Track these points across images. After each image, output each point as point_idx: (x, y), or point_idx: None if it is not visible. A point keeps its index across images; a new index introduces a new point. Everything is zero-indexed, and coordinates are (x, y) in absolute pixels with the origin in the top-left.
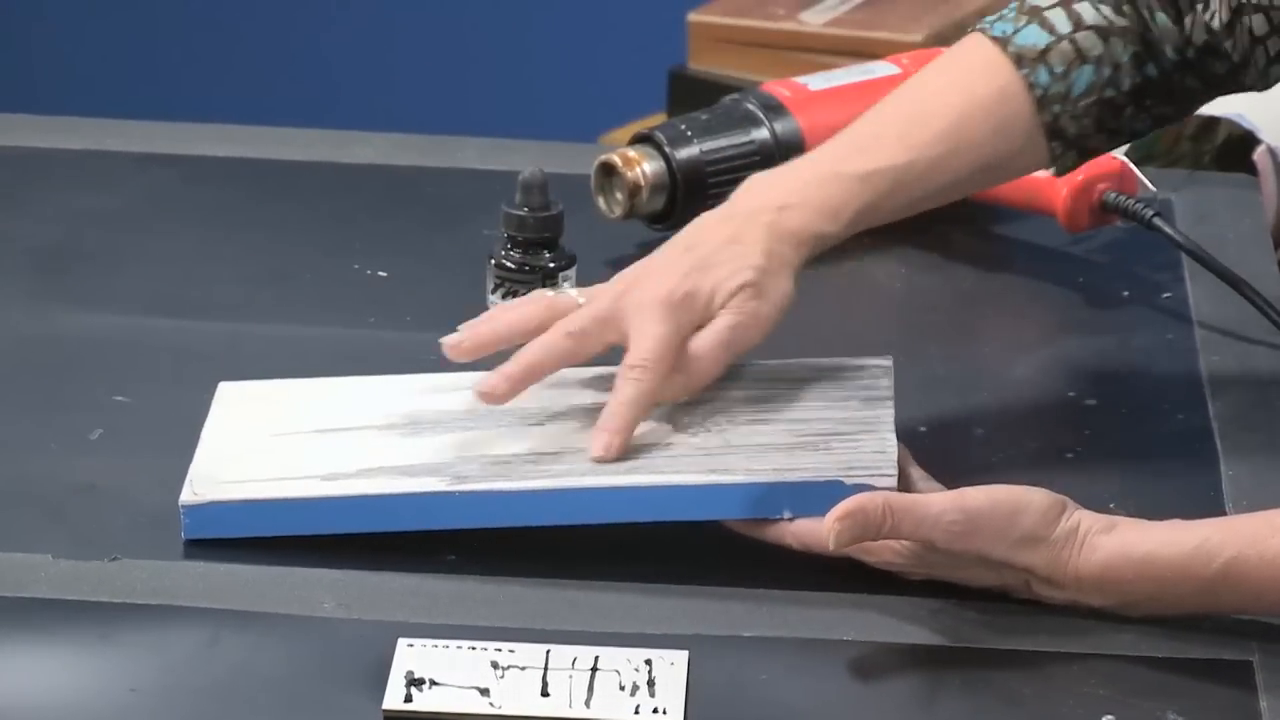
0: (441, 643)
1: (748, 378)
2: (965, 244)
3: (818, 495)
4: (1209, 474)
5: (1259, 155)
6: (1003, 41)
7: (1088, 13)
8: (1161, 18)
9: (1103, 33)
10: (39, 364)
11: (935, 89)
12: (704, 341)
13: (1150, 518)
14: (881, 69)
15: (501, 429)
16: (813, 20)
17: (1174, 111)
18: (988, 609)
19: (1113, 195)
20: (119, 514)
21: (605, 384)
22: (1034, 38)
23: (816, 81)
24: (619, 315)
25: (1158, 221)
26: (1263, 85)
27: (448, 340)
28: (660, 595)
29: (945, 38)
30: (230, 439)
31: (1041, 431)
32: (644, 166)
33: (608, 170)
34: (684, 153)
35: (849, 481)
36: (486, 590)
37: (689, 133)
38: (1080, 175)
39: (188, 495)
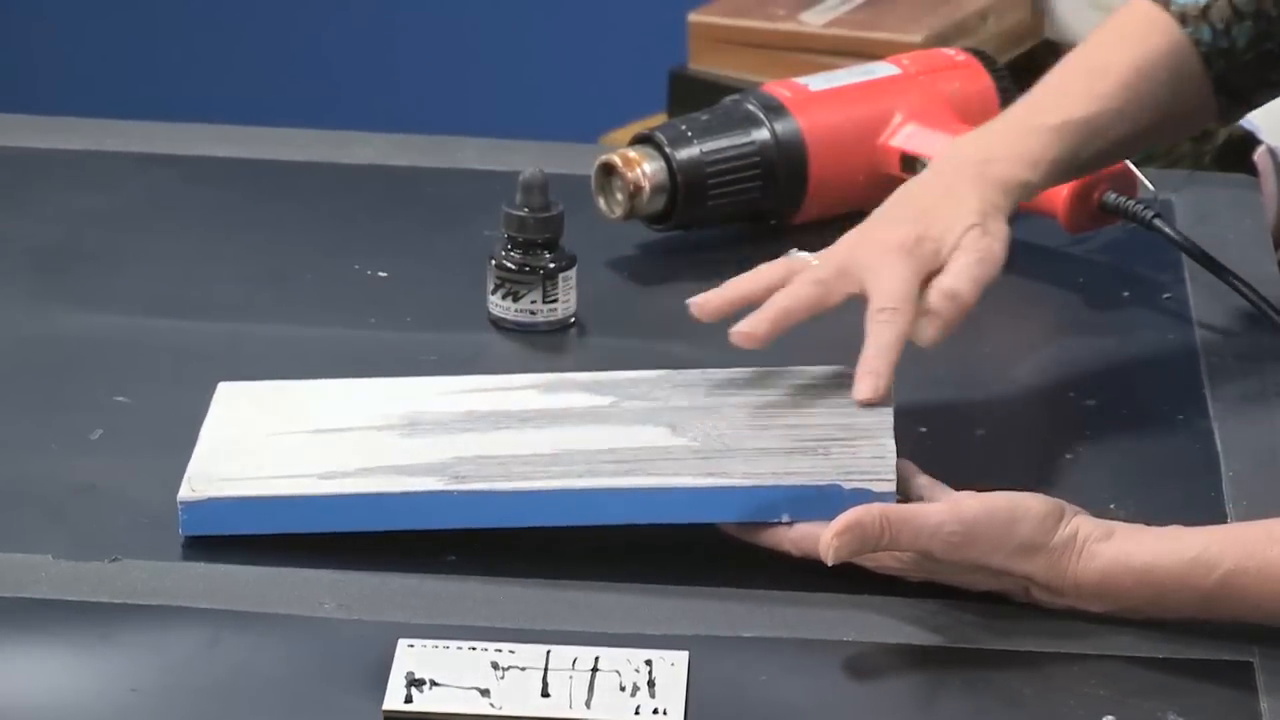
0: (442, 643)
1: (746, 383)
2: None
3: (816, 500)
4: (1209, 474)
5: (1259, 156)
6: (1164, 2)
7: None
8: None
9: None
10: (39, 364)
11: (1110, 46)
12: (958, 278)
13: (1150, 519)
14: (882, 69)
15: (500, 430)
16: (813, 21)
17: None
18: (988, 610)
19: (1113, 196)
20: (119, 514)
21: (607, 389)
22: None
23: (817, 82)
24: (856, 266)
25: (1158, 222)
26: None
27: (696, 299)
28: (660, 596)
29: (945, 38)
30: (229, 438)
31: (1041, 432)
32: (644, 167)
33: (608, 171)
34: (684, 153)
35: (847, 486)
36: (487, 591)
37: (689, 133)
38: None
39: (185, 492)
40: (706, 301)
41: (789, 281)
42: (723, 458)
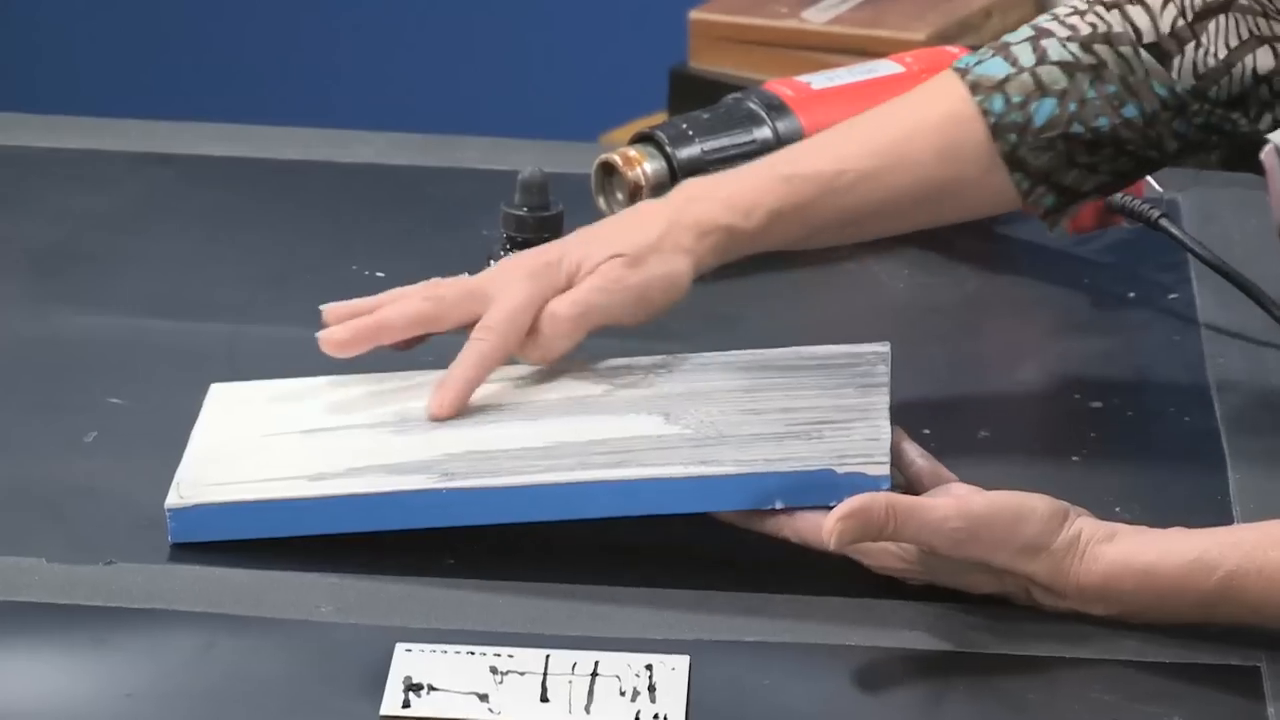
0: (440, 647)
1: (741, 367)
2: (968, 245)
3: (810, 485)
4: (1215, 477)
5: (1266, 154)
6: (963, 71)
7: (1053, 49)
8: (1146, 57)
9: (1068, 68)
10: (35, 365)
11: (889, 111)
12: (562, 301)
13: (1156, 522)
14: (885, 67)
15: (492, 424)
16: (815, 18)
17: (1160, 156)
18: (992, 614)
19: (1118, 196)
20: (114, 517)
21: (599, 377)
22: (995, 68)
23: (819, 80)
24: (485, 286)
25: (1163, 222)
26: (1256, 128)
27: (330, 310)
28: (661, 600)
29: (948, 36)
30: (220, 441)
31: (1046, 434)
32: (645, 166)
33: (608, 170)
34: (685, 152)
35: (841, 470)
36: (485, 594)
37: (690, 132)
38: None
39: (173, 499)
40: (335, 308)
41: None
42: (715, 445)
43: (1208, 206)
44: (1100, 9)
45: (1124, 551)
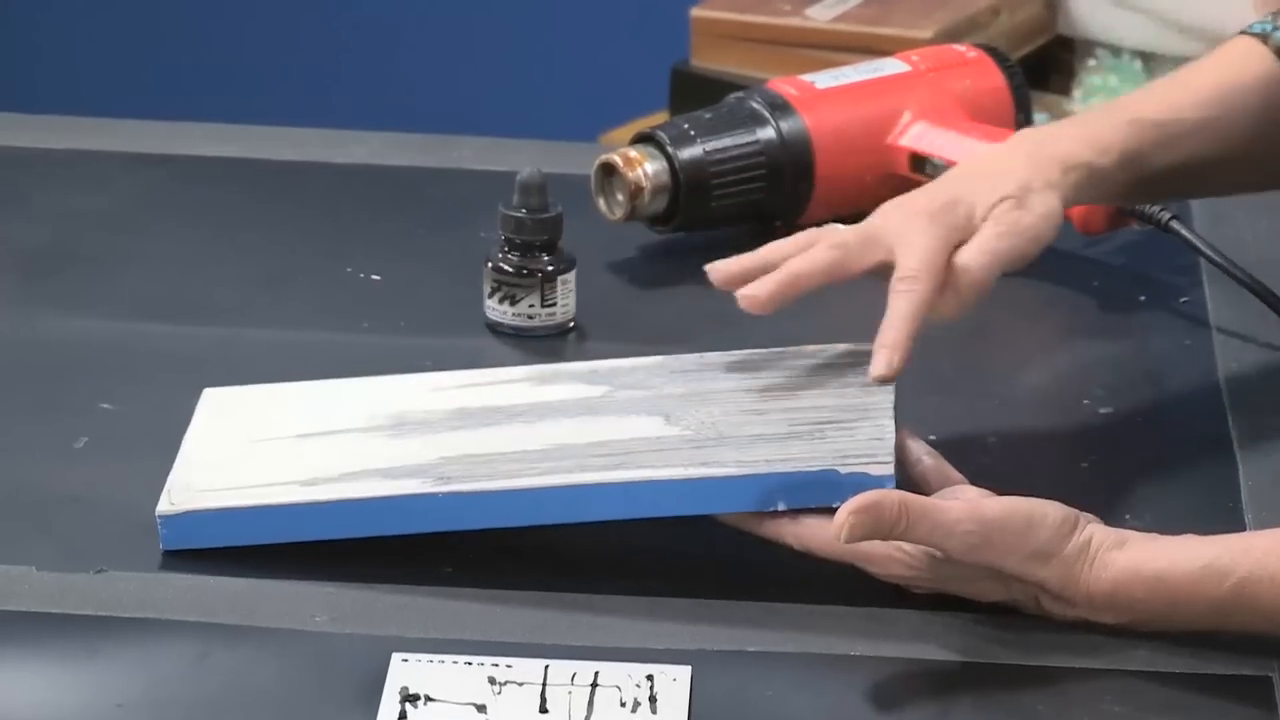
0: (437, 658)
1: (741, 367)
2: None
3: (812, 485)
4: (1228, 484)
5: None
6: (1263, 37)
7: None
8: None
9: None
10: (25, 368)
11: (1200, 69)
12: (970, 251)
13: (1167, 529)
14: (890, 66)
15: (488, 427)
16: (819, 16)
17: None
18: (999, 624)
19: None
20: (105, 525)
21: (598, 378)
22: None
23: (824, 79)
24: (883, 231)
25: (1175, 224)
26: None
27: (714, 265)
28: (662, 608)
29: (956, 33)
30: (212, 446)
31: (1055, 440)
32: (646, 167)
33: (608, 171)
34: (687, 153)
35: (844, 470)
36: (483, 603)
37: (692, 132)
38: None
39: (164, 505)
40: (723, 267)
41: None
42: (716, 446)
43: (1219, 208)
44: None
45: (1134, 558)
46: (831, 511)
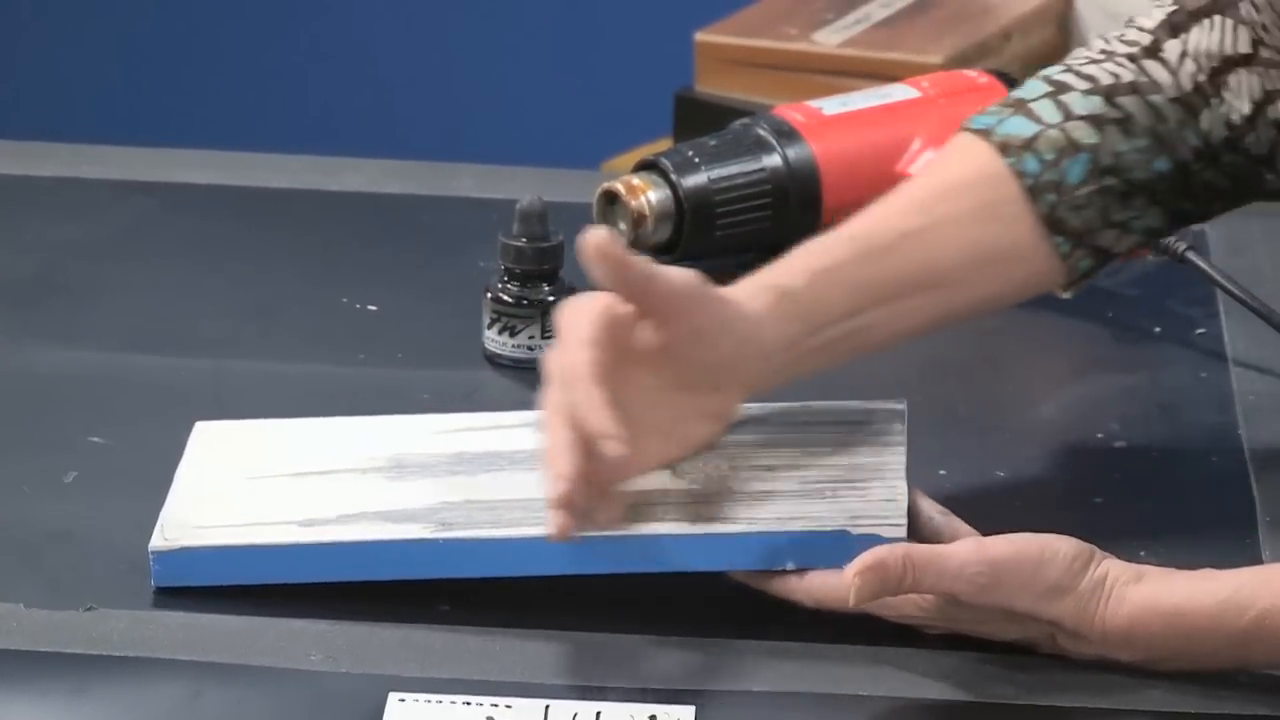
0: (435, 697)
1: (750, 421)
2: None
3: (823, 546)
4: (1245, 520)
5: None
6: (985, 133)
7: (1078, 103)
8: (1174, 110)
9: (1096, 121)
10: (11, 403)
11: (917, 177)
12: None
13: (1183, 565)
14: (900, 92)
15: (490, 473)
16: (827, 40)
17: (1195, 208)
18: (1011, 663)
19: None
20: (95, 561)
21: None
22: (1020, 127)
23: (831, 105)
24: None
25: (1190, 255)
26: None
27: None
28: (666, 647)
29: (967, 59)
30: (206, 481)
31: (1068, 474)
32: (649, 195)
33: (611, 199)
34: (691, 180)
35: (855, 532)
36: (482, 641)
37: (696, 159)
38: None
39: (158, 541)
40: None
41: None
42: (724, 502)
43: (1236, 238)
44: (1121, 59)
45: (1151, 593)
46: (836, 565)
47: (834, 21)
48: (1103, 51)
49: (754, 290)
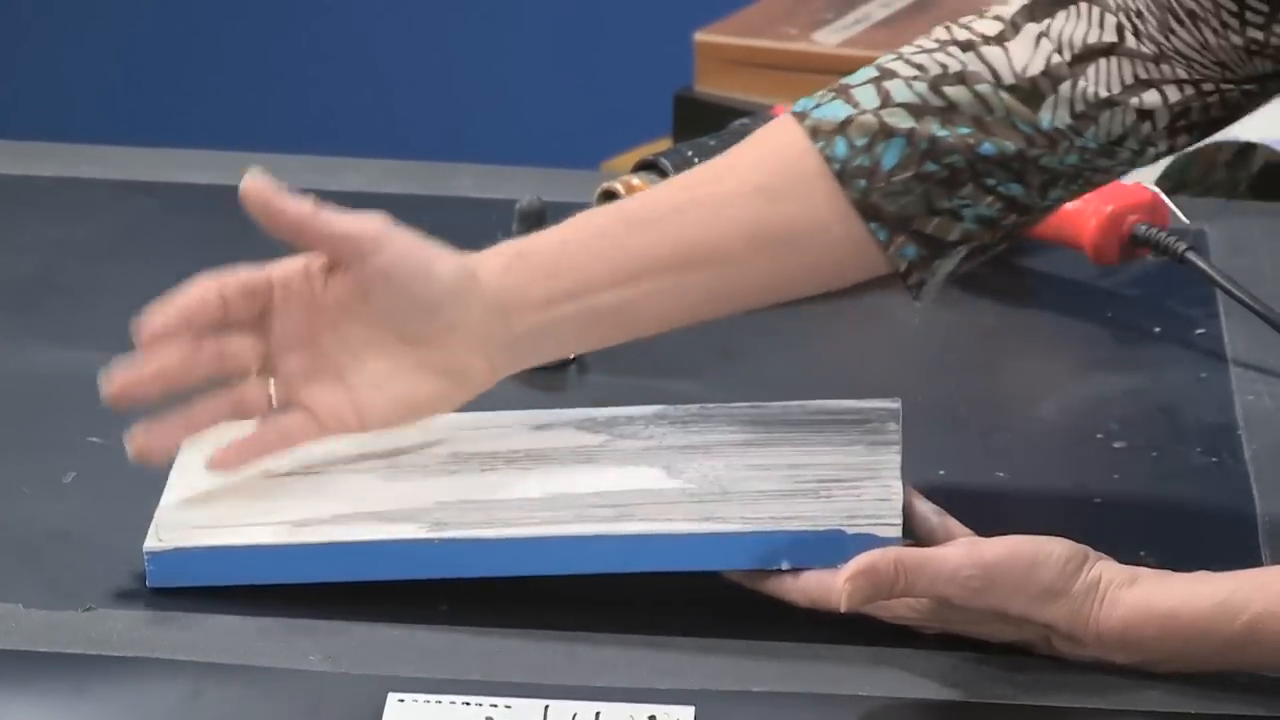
0: (434, 698)
1: (744, 420)
2: (987, 278)
3: (817, 545)
4: (1244, 520)
5: None
6: (802, 115)
7: (898, 90)
8: (1006, 98)
9: (914, 110)
10: (10, 403)
11: (716, 158)
12: None
13: (1182, 567)
14: None
15: (486, 473)
16: (827, 40)
17: (1032, 195)
18: (1009, 663)
19: (1143, 227)
20: (93, 561)
21: (598, 427)
22: (835, 111)
23: None
24: None
25: (1190, 256)
26: (1137, 165)
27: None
28: (665, 648)
29: None
30: (200, 481)
31: (1067, 475)
32: None
33: (610, 198)
34: None
35: (850, 531)
36: (482, 642)
37: (696, 159)
38: (1109, 206)
39: (152, 541)
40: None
41: None
42: (719, 502)
43: (1236, 238)
44: (954, 48)
45: (1145, 596)
46: (831, 564)
47: (834, 21)
48: (937, 40)
49: (491, 251)
